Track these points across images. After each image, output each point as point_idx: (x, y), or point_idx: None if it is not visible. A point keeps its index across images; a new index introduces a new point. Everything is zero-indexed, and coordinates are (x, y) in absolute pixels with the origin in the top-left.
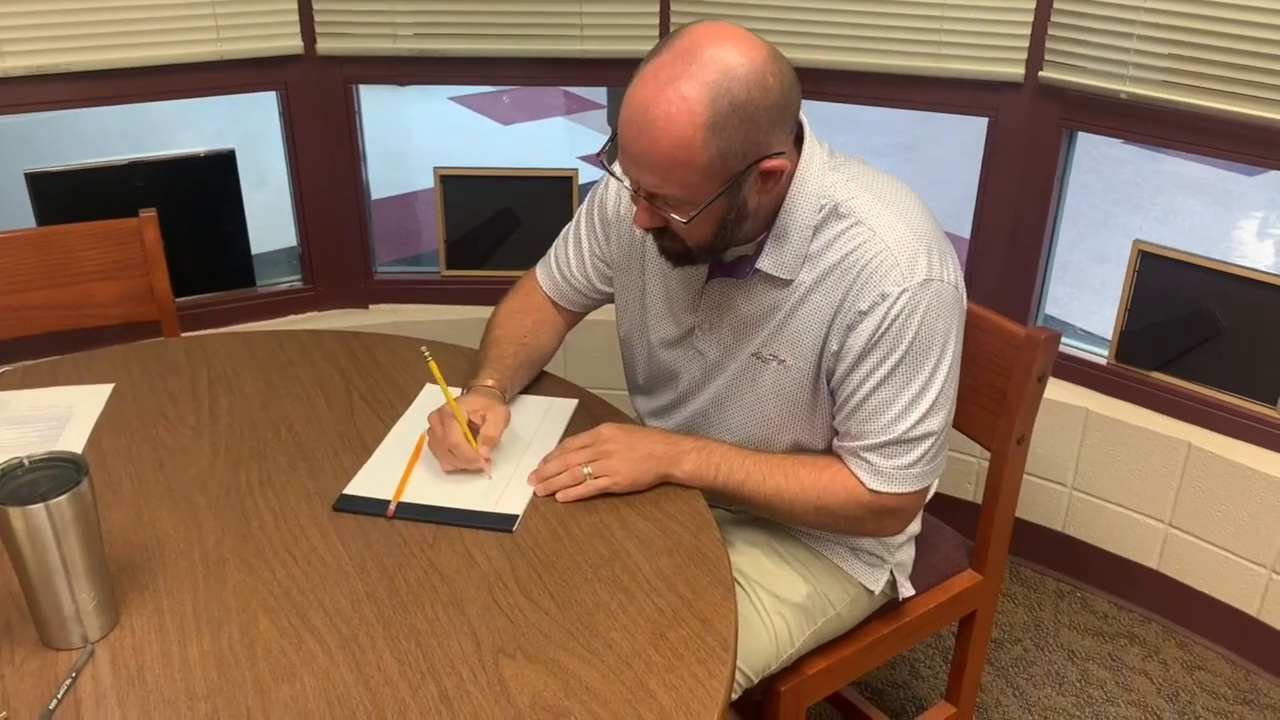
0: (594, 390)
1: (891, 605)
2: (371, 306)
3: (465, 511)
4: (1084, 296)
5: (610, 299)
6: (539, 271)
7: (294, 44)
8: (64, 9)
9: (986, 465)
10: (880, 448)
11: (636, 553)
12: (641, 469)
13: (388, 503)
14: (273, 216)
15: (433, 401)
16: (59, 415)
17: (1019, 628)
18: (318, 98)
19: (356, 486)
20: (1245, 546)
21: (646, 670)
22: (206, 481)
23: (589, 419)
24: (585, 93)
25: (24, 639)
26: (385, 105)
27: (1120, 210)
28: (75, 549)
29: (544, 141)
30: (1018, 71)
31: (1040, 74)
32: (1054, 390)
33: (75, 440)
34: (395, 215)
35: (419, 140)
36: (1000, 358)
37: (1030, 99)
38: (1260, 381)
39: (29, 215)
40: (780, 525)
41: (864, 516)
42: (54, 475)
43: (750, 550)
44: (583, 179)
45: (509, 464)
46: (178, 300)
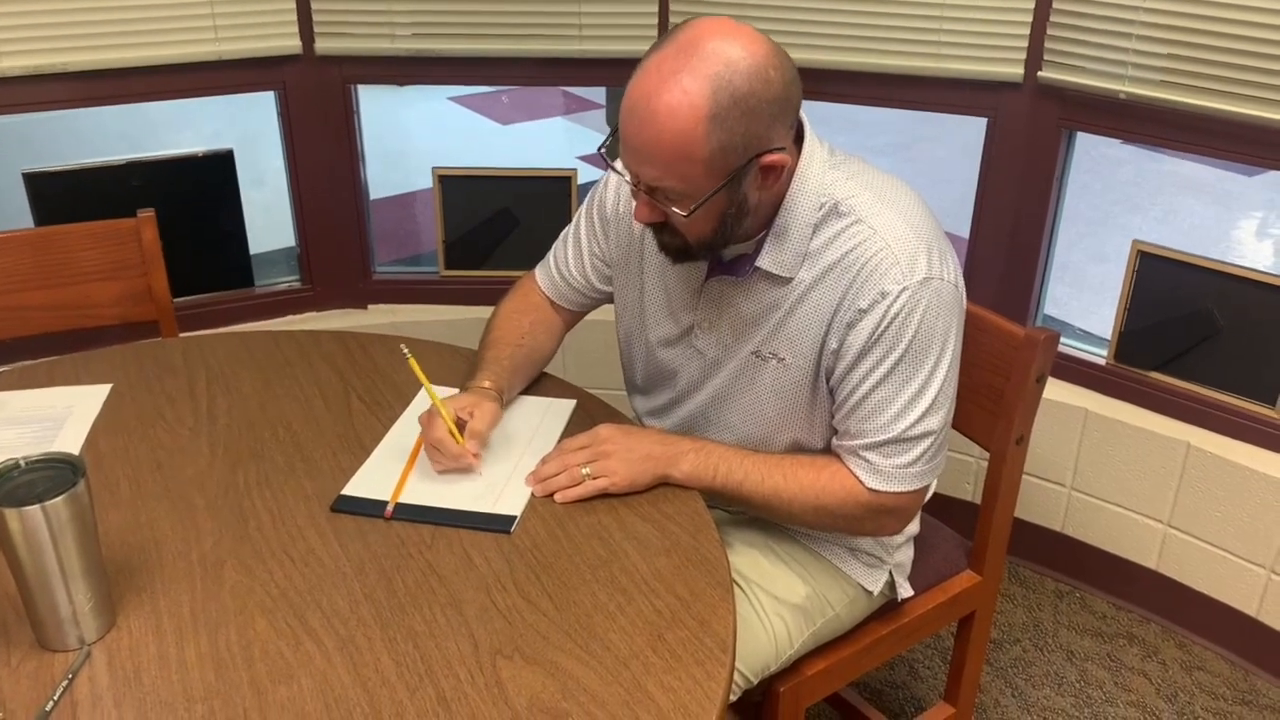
0: (592, 390)
1: (890, 606)
2: (370, 307)
3: (463, 512)
4: (1083, 296)
5: (609, 299)
6: (538, 272)
7: (292, 44)
8: (62, 9)
9: (985, 465)
10: (879, 446)
11: (634, 554)
12: (640, 469)
13: (385, 504)
14: (271, 216)
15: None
16: (56, 416)
17: (1018, 628)
18: (316, 98)
19: (354, 487)
20: (1244, 547)
21: (644, 672)
22: (204, 482)
23: (587, 419)
24: (584, 93)
25: (20, 640)
26: (384, 105)
27: (1119, 210)
28: (72, 550)
29: (543, 141)
30: (1017, 71)
31: (1039, 74)
32: (1053, 390)
33: (73, 441)
34: (394, 215)
35: (418, 140)
36: (999, 358)
37: (1029, 99)
38: (1259, 382)
39: (27, 215)
40: (779, 526)
41: (863, 516)
42: (51, 476)
43: (749, 551)
44: (581, 179)
45: (507, 465)
46: (176, 300)
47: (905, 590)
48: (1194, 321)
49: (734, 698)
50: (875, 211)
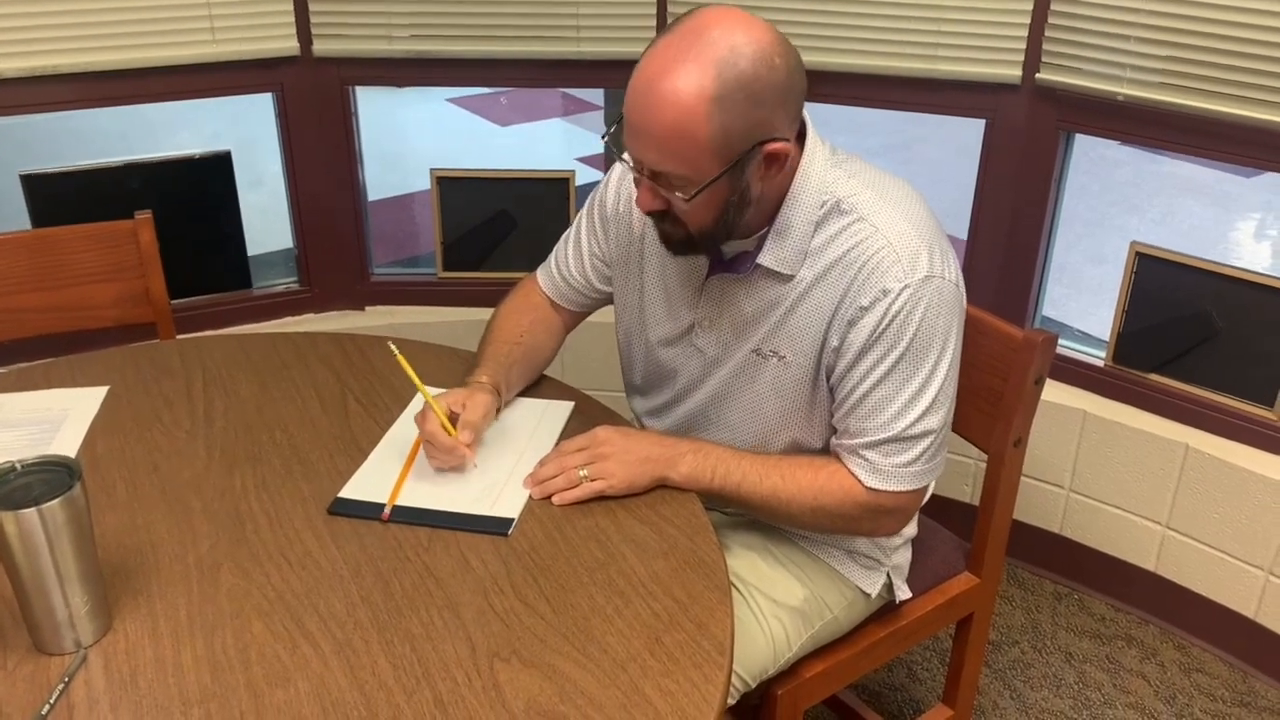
0: (590, 392)
1: (888, 608)
2: (368, 308)
3: (460, 515)
4: (1081, 298)
5: (609, 300)
6: (539, 273)
7: (290, 45)
8: (59, 10)
9: (984, 467)
10: (879, 445)
11: (632, 556)
12: (637, 471)
13: (383, 506)
14: (269, 218)
15: None
16: (53, 418)
17: (1016, 630)
18: (314, 99)
19: (351, 490)
20: (1243, 548)
21: (642, 675)
22: (201, 485)
23: (585, 421)
24: (583, 94)
25: (16, 644)
26: (382, 106)
27: (1117, 211)
28: (68, 553)
29: (541, 143)
30: (1015, 73)
31: (1037, 76)
32: (1051, 392)
33: (69, 443)
34: (392, 217)
35: (416, 141)
36: (997, 360)
37: (1027, 101)
38: (1257, 383)
39: (24, 217)
40: (777, 529)
41: (861, 516)
42: (47, 479)
43: (747, 554)
44: (580, 181)
45: (504, 467)
46: (173, 302)
47: (903, 592)
48: (1192, 323)
49: (732, 701)
50: (877, 210)
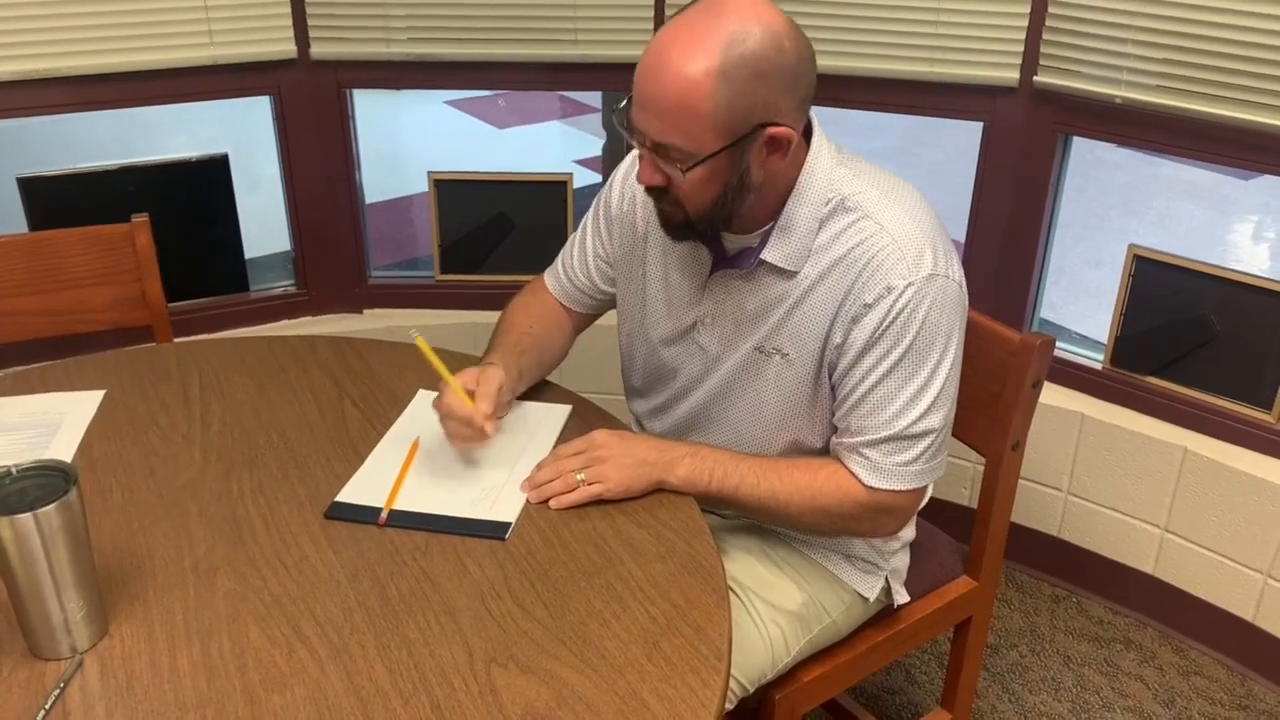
0: (589, 395)
1: (887, 612)
2: (366, 311)
3: (458, 519)
4: (1079, 301)
5: (615, 302)
6: (547, 274)
7: (287, 48)
8: (56, 13)
9: (982, 470)
10: (880, 443)
11: (630, 560)
12: (635, 475)
13: (380, 510)
14: (266, 221)
15: (426, 408)
16: (49, 422)
17: (1015, 633)
18: (311, 102)
19: (349, 494)
20: (1241, 551)
21: (640, 680)
22: (198, 489)
23: (583, 425)
24: (581, 97)
25: (12, 649)
26: (381, 109)
27: (1115, 214)
28: (63, 558)
29: (539, 145)
30: (1012, 76)
31: (1035, 79)
32: (1049, 395)
33: (66, 447)
34: (390, 219)
35: (414, 144)
36: (995, 363)
37: (1025, 104)
38: (1256, 386)
39: (21, 220)
40: (774, 532)
41: (860, 516)
42: (42, 484)
43: (745, 558)
44: (578, 183)
45: (501, 471)
46: (170, 305)
47: (901, 596)
48: (1190, 326)
49: (730, 706)
50: (882, 208)
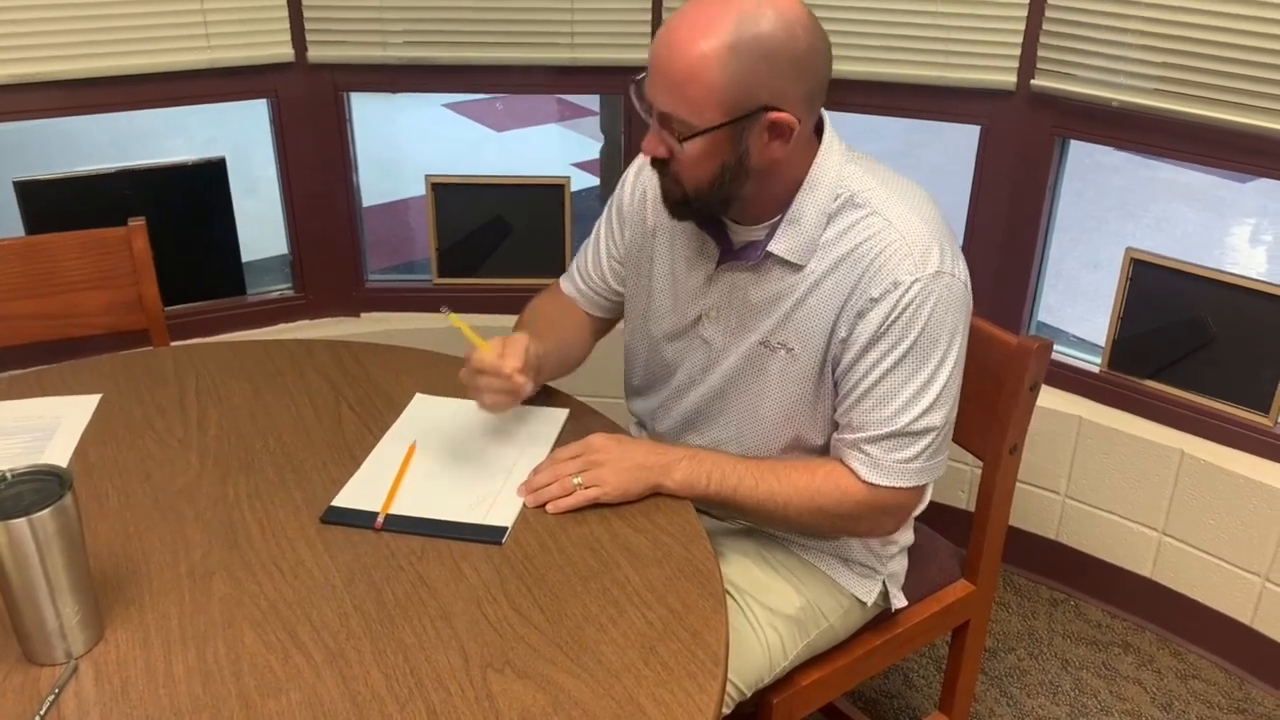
0: (585, 398)
1: (884, 616)
2: (363, 315)
3: (454, 524)
4: (1077, 304)
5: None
6: (563, 278)
7: (285, 52)
8: (53, 16)
9: (979, 474)
10: (881, 440)
11: (627, 565)
12: (631, 479)
13: (376, 515)
14: (264, 224)
15: (423, 411)
16: (45, 426)
17: (1013, 637)
18: (308, 105)
19: (345, 498)
20: (1239, 555)
21: (636, 685)
22: (194, 493)
23: (580, 429)
24: (578, 100)
25: (6, 654)
26: (379, 112)
27: (1113, 217)
28: (58, 563)
29: (537, 148)
30: (1010, 80)
31: (1032, 82)
32: (1047, 398)
33: (62, 451)
34: (387, 223)
35: (412, 147)
36: (992, 366)
37: (1023, 107)
38: (1253, 389)
39: (17, 224)
40: (772, 536)
41: (859, 514)
42: (38, 488)
43: (742, 561)
44: (575, 186)
45: (498, 475)
46: (167, 309)
47: (899, 601)
48: (1188, 329)
49: (727, 710)
50: (891, 205)
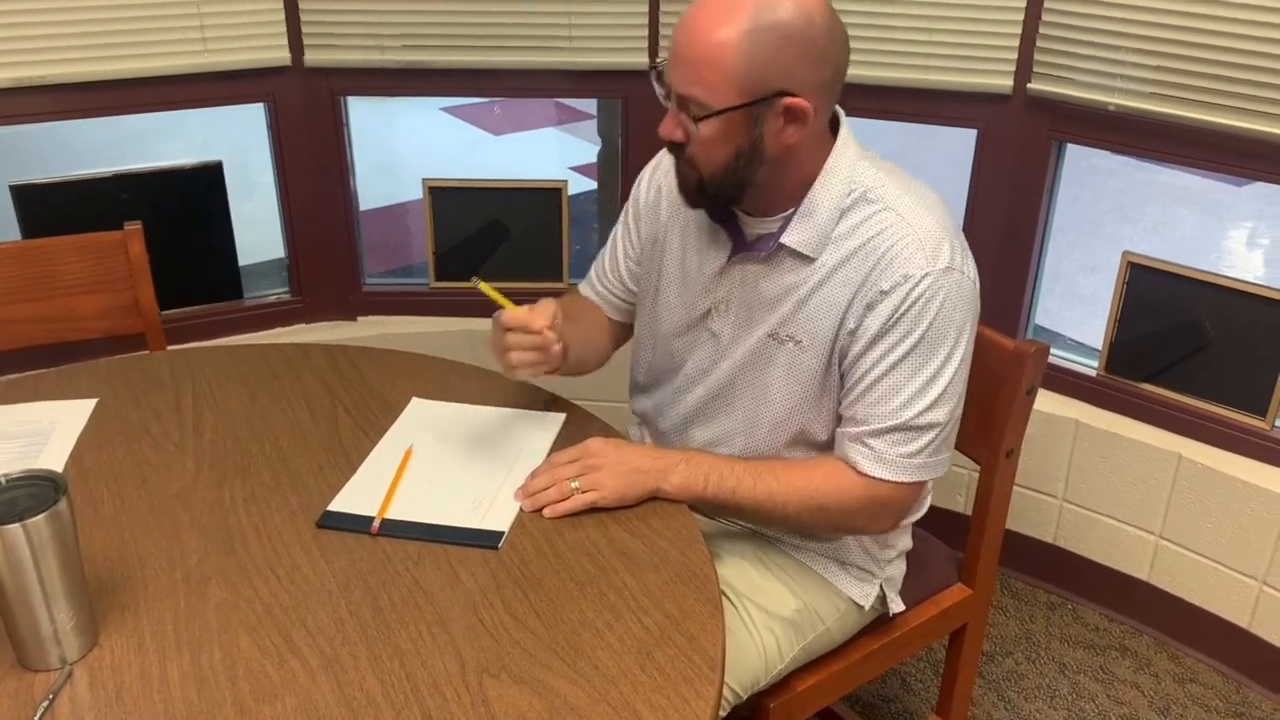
0: (583, 402)
1: (881, 620)
2: (360, 319)
3: (450, 528)
4: (1074, 307)
5: None
6: (582, 282)
7: (281, 55)
8: (49, 20)
9: (976, 478)
10: (885, 433)
11: (623, 570)
12: (629, 483)
13: (372, 519)
14: (261, 228)
15: (420, 415)
16: (41, 430)
17: (1010, 641)
18: (305, 109)
19: (341, 503)
20: (1236, 558)
21: (633, 690)
22: (189, 498)
23: (577, 433)
24: (576, 104)
25: (1, 660)
26: (377, 115)
27: (1109, 221)
28: (53, 569)
29: (535, 152)
30: (1006, 83)
31: (1029, 86)
32: (1044, 401)
33: (57, 456)
34: (385, 226)
35: (409, 150)
36: (990, 370)
37: (1019, 111)
38: (1250, 393)
39: (14, 228)
40: (769, 538)
41: (859, 510)
42: (33, 493)
43: (738, 563)
44: (573, 190)
45: (495, 480)
46: (164, 313)
47: (896, 605)
48: (1185, 332)
49: (723, 713)
50: (904, 202)
